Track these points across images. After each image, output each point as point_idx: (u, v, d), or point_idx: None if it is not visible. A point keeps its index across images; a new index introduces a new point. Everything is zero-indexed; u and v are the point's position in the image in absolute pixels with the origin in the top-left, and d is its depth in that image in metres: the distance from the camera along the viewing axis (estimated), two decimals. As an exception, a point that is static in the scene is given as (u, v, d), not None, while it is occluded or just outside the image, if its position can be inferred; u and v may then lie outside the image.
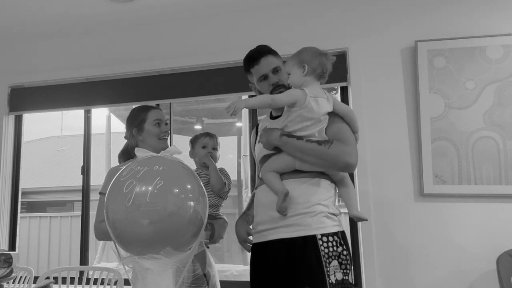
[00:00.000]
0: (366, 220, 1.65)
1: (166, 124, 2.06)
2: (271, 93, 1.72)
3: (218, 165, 2.17)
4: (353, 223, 2.75)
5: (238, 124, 5.56)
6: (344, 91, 2.88)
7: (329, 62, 1.65)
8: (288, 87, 1.71)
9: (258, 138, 1.76)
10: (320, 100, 1.59)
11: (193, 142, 2.22)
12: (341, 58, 2.83)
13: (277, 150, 1.65)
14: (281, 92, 1.68)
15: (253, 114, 3.13)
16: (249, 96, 3.12)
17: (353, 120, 1.66)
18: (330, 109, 1.61)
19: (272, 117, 1.81)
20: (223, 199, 2.16)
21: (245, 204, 1.96)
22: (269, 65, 1.74)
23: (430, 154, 2.57)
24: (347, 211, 1.68)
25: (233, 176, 5.43)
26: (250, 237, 1.77)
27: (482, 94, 2.55)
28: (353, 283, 1.58)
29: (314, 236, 1.53)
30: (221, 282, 2.16)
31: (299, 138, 1.57)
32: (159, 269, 1.29)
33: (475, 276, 2.46)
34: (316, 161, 1.57)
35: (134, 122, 2.03)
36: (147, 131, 1.99)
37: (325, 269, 1.49)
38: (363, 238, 2.64)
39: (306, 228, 1.54)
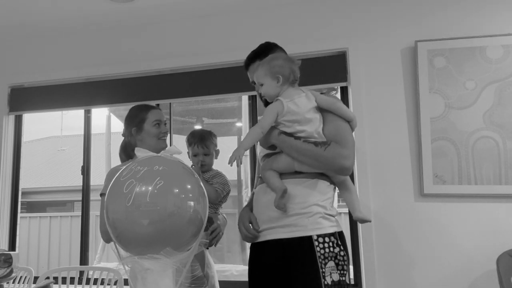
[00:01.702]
0: (370, 221, 1.64)
1: (165, 124, 2.06)
2: (261, 97, 1.73)
3: (218, 165, 2.15)
4: (353, 223, 2.74)
5: (238, 124, 5.55)
6: (344, 91, 2.88)
7: (296, 67, 1.63)
8: None
9: None
10: (297, 100, 1.58)
11: (187, 145, 2.18)
12: (341, 58, 2.84)
13: (274, 148, 1.65)
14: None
15: (253, 114, 3.12)
16: (248, 97, 3.15)
17: (341, 110, 1.63)
18: (313, 105, 1.60)
19: None
20: (222, 202, 2.14)
21: (247, 200, 1.95)
22: (253, 73, 1.74)
23: (430, 154, 2.57)
24: (347, 212, 1.68)
25: (233, 176, 5.43)
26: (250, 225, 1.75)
27: (482, 94, 2.55)
28: (351, 283, 1.58)
29: (310, 237, 1.53)
30: (221, 282, 2.16)
31: (297, 138, 1.57)
32: (159, 269, 1.29)
33: (475, 276, 2.46)
34: (312, 162, 1.57)
35: (134, 121, 2.02)
36: (146, 131, 1.99)
37: (321, 270, 1.49)
38: (363, 238, 2.64)
39: (302, 228, 1.54)
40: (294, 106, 1.57)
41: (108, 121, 4.90)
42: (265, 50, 1.75)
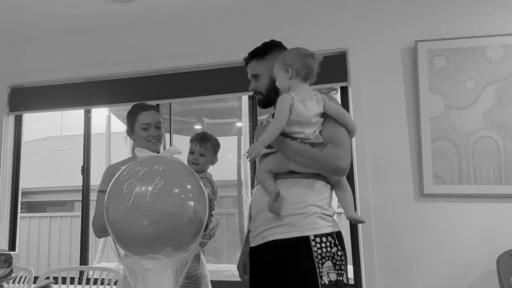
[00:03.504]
0: (364, 222, 1.64)
1: (158, 127, 2.03)
2: (254, 95, 1.77)
3: (219, 167, 2.14)
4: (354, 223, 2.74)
5: (238, 124, 5.55)
6: (344, 91, 2.88)
7: (315, 62, 1.61)
8: (263, 94, 1.73)
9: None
10: (308, 102, 1.57)
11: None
12: (341, 58, 2.84)
13: (271, 147, 1.65)
14: (260, 99, 1.74)
15: (253, 114, 3.13)
16: (248, 97, 3.15)
17: (346, 121, 1.63)
18: (320, 111, 1.59)
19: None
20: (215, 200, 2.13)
21: (245, 205, 1.96)
22: (250, 71, 1.77)
23: (430, 154, 2.57)
24: (347, 212, 1.68)
25: (233, 176, 5.43)
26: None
27: (482, 94, 2.55)
28: (348, 283, 1.58)
29: (307, 237, 1.53)
30: (221, 282, 2.17)
31: (294, 138, 1.57)
32: (159, 269, 1.29)
33: (475, 276, 2.46)
34: (308, 162, 1.57)
35: (128, 121, 2.07)
36: (136, 133, 2.02)
37: (318, 270, 1.49)
38: (363, 238, 2.64)
39: (299, 229, 1.54)
40: (304, 108, 1.56)
41: (108, 121, 4.90)
42: (264, 48, 1.77)
